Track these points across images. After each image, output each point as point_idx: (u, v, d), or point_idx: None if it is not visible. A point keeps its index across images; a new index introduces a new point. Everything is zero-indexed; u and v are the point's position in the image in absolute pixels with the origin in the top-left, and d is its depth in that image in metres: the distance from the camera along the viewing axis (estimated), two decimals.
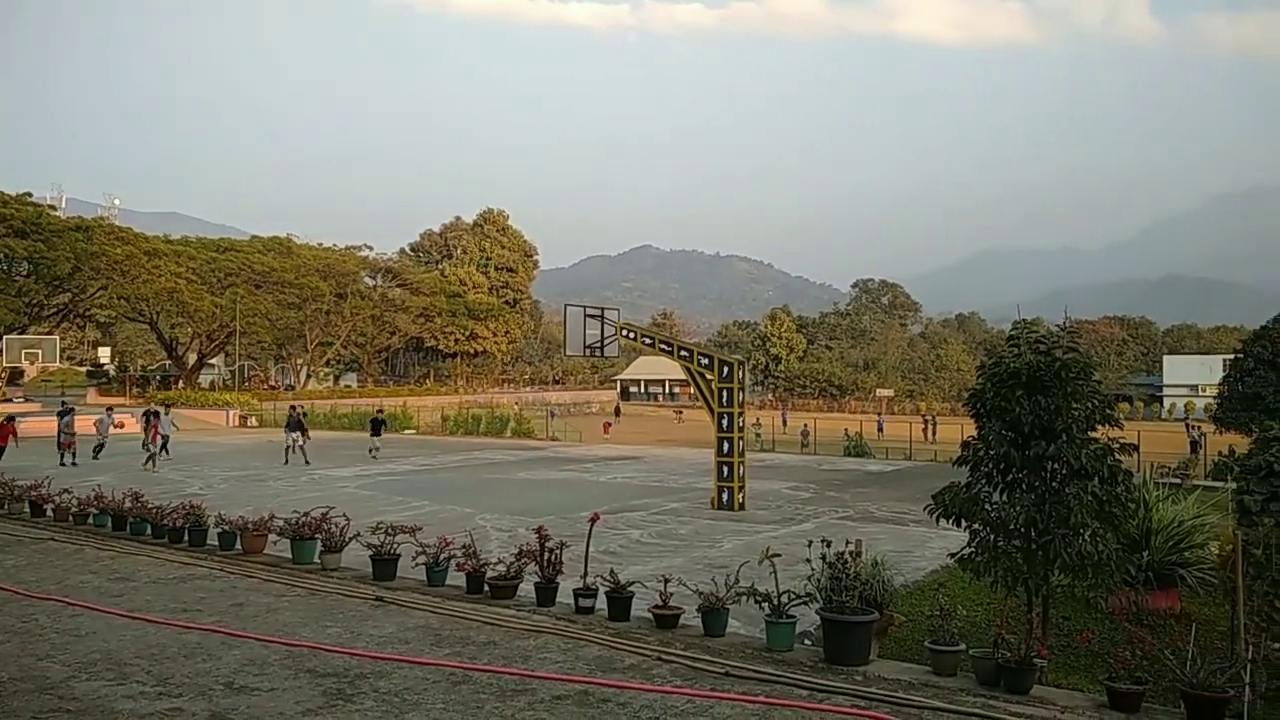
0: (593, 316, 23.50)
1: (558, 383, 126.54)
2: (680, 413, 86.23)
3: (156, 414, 30.08)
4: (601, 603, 8.59)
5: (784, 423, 64.25)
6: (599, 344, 23.40)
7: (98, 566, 11.86)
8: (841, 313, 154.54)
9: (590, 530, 9.43)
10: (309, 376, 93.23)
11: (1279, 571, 8.93)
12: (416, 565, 10.17)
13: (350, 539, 11.28)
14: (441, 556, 10.09)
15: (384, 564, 10.38)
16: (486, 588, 9.39)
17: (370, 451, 31.26)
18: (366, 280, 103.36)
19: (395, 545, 10.57)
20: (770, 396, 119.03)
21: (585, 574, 8.86)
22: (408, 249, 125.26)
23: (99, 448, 31.10)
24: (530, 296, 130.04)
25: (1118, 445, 8.96)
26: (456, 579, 9.87)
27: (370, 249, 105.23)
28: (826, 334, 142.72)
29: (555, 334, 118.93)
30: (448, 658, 7.34)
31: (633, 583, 8.76)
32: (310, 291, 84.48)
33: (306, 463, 29.29)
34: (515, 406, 73.52)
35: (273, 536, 12.24)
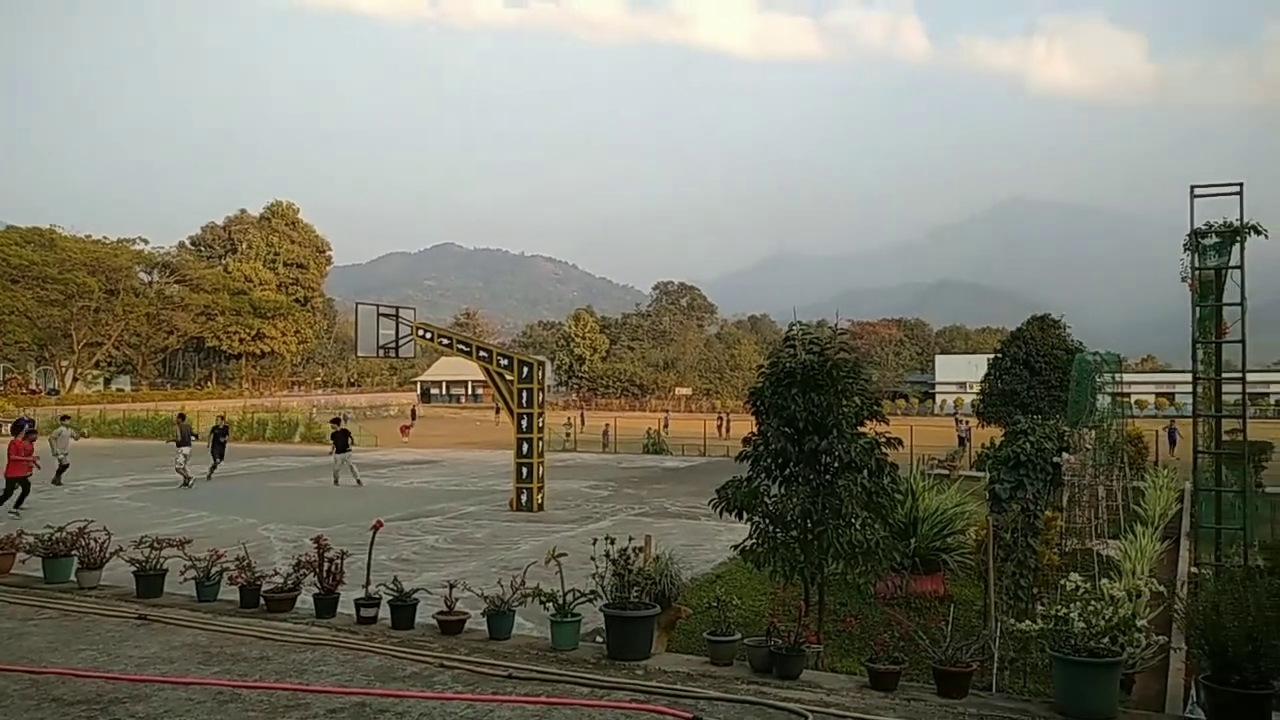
0: (386, 316, 22.84)
1: (353, 385, 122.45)
2: (500, 412, 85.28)
3: None
4: (385, 612, 8.34)
5: (582, 421, 64.72)
6: (393, 344, 22.76)
7: None
8: (643, 314, 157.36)
9: (373, 538, 9.12)
10: (75, 380, 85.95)
11: (1024, 553, 9.75)
12: (186, 580, 9.54)
13: (111, 554, 10.45)
14: (213, 570, 9.49)
15: (149, 580, 9.66)
16: (262, 601, 8.92)
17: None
18: (141, 276, 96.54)
19: (162, 560, 9.87)
20: (574, 396, 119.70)
21: (368, 583, 8.57)
22: (188, 243, 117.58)
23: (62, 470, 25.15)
24: (323, 294, 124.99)
25: (884, 439, 9.53)
26: (231, 593, 9.33)
27: (146, 242, 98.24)
28: (629, 334, 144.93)
29: (350, 333, 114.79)
30: (215, 676, 6.92)
31: (418, 590, 8.57)
32: (76, 287, 78.06)
33: (207, 478, 26.19)
34: (315, 410, 70.60)
35: (21, 555, 11.16)
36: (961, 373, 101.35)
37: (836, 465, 9.10)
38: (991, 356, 34.11)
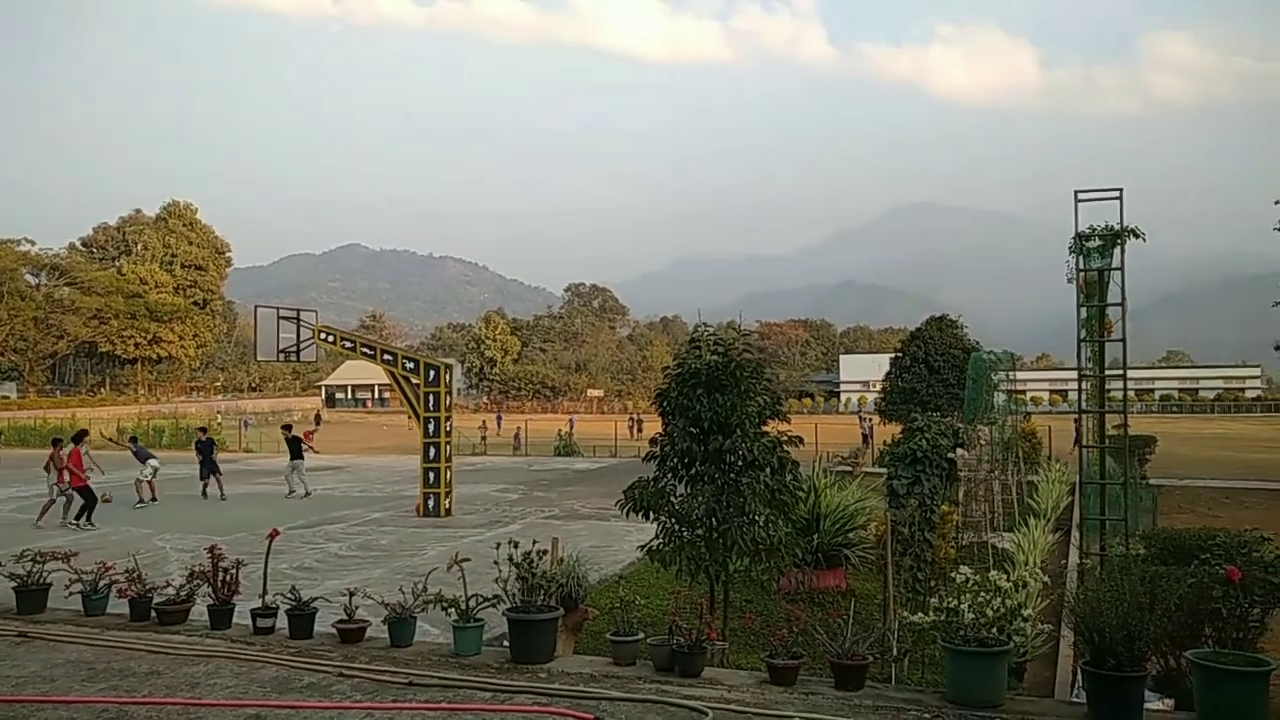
0: (287, 318, 22.28)
1: (254, 390, 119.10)
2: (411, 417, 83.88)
3: None
4: (283, 622, 8.14)
5: (499, 424, 64.32)
6: (294, 348, 22.21)
7: None
8: (555, 316, 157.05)
9: (269, 546, 8.90)
10: None
11: (920, 547, 10.02)
12: (71, 595, 9.15)
13: None
14: (100, 583, 9.13)
15: (30, 595, 9.23)
16: (154, 614, 8.62)
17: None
18: (28, 278, 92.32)
19: (45, 574, 9.45)
20: (485, 399, 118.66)
21: (264, 592, 8.36)
22: (79, 244, 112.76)
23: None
24: (223, 297, 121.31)
25: (786, 438, 9.69)
26: (120, 607, 8.98)
27: (33, 243, 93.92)
28: (540, 336, 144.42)
29: (251, 337, 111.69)
30: (101, 693, 6.66)
31: (317, 598, 8.38)
32: None
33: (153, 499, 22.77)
34: (219, 416, 68.47)
35: None
36: (865, 372, 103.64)
37: (740, 464, 9.21)
38: (893, 356, 34.96)
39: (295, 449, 25.17)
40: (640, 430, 54.14)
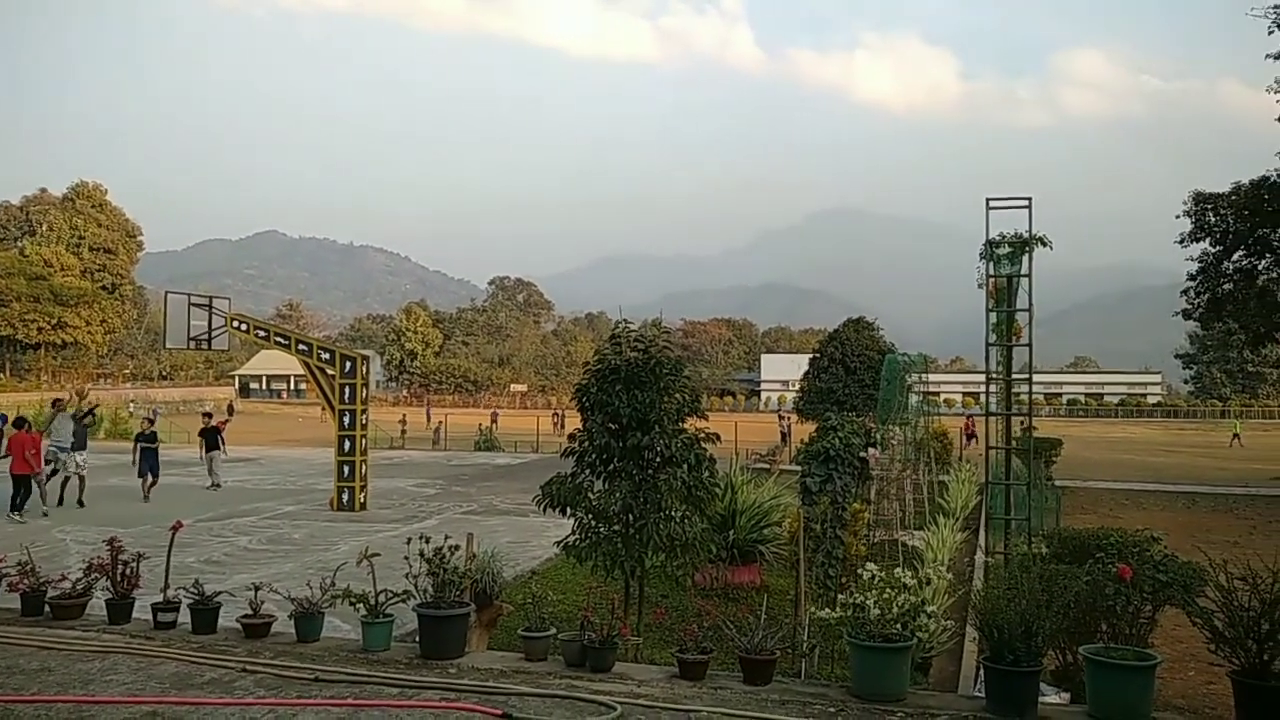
0: (199, 305, 21.66)
1: (165, 378, 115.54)
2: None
3: None
4: (185, 617, 7.92)
5: (428, 419, 63.43)
6: (205, 336, 21.60)
7: None
8: (479, 309, 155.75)
9: (172, 539, 8.64)
10: None
11: (832, 544, 10.19)
12: None
13: None
14: None
15: None
16: (47, 608, 8.30)
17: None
18: None
19: None
20: (405, 393, 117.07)
21: (166, 586, 8.12)
22: None
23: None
24: (133, 281, 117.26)
25: (703, 435, 9.77)
26: (11, 601, 8.63)
27: None
28: (464, 329, 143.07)
29: (162, 323, 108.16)
30: None
31: (222, 592, 8.17)
32: None
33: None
34: (132, 405, 66.23)
35: None
36: (785, 371, 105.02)
37: (658, 460, 9.27)
38: (812, 356, 35.48)
39: (211, 439, 24.16)
40: (563, 426, 54.02)
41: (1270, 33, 25.71)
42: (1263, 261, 27.64)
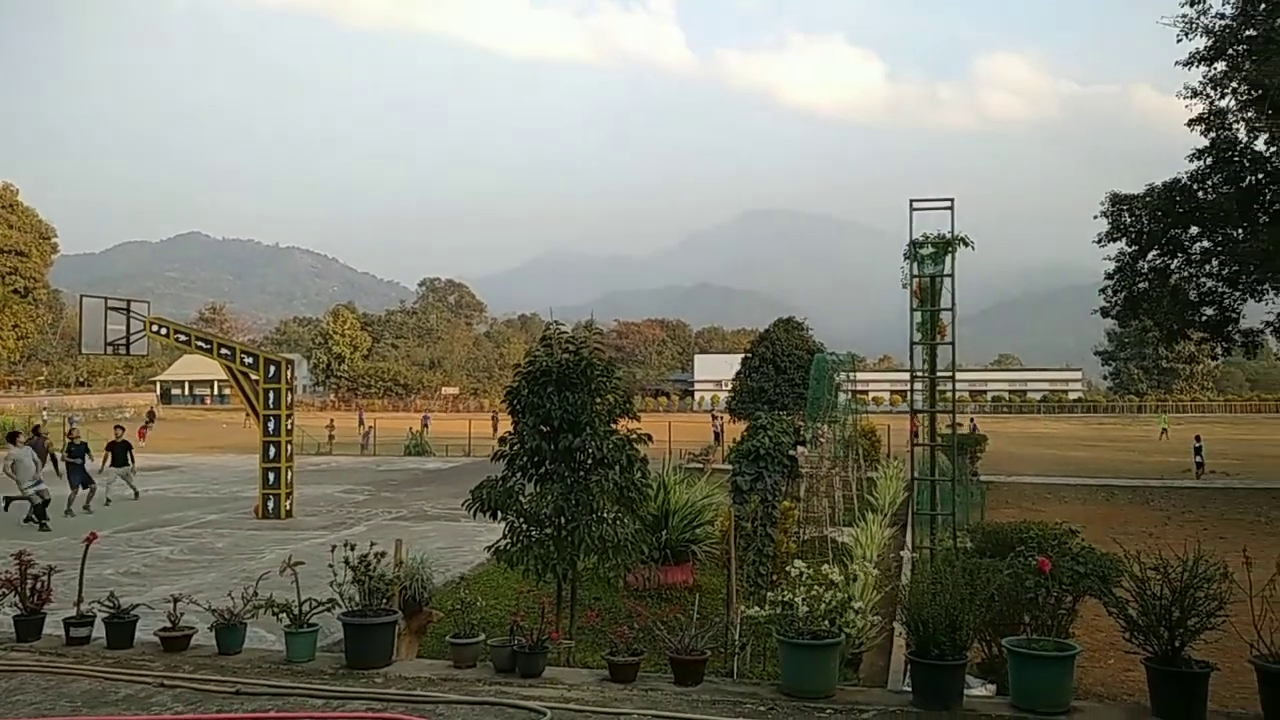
0: (116, 309, 21.03)
1: (82, 384, 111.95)
2: (250, 415, 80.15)
3: None
4: (100, 631, 7.65)
5: (361, 423, 62.23)
6: (123, 341, 20.98)
7: None
8: (408, 311, 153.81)
9: (85, 551, 8.34)
10: None
11: (762, 541, 10.27)
12: None
13: None
14: None
15: None
16: None
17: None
18: None
19: None
20: (333, 397, 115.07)
21: (79, 600, 7.84)
22: None
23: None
24: (47, 285, 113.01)
25: (636, 436, 9.76)
26: None
27: None
28: (393, 332, 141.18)
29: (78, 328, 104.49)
30: None
31: (140, 605, 7.92)
32: None
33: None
34: (45, 414, 63.84)
35: None
36: (718, 371, 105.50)
37: (590, 462, 9.22)
38: (744, 356, 35.72)
39: (120, 454, 22.36)
40: (499, 429, 53.61)
41: (1179, 40, 26.62)
42: (1175, 261, 28.59)
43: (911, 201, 11.27)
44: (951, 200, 11.16)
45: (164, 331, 21.62)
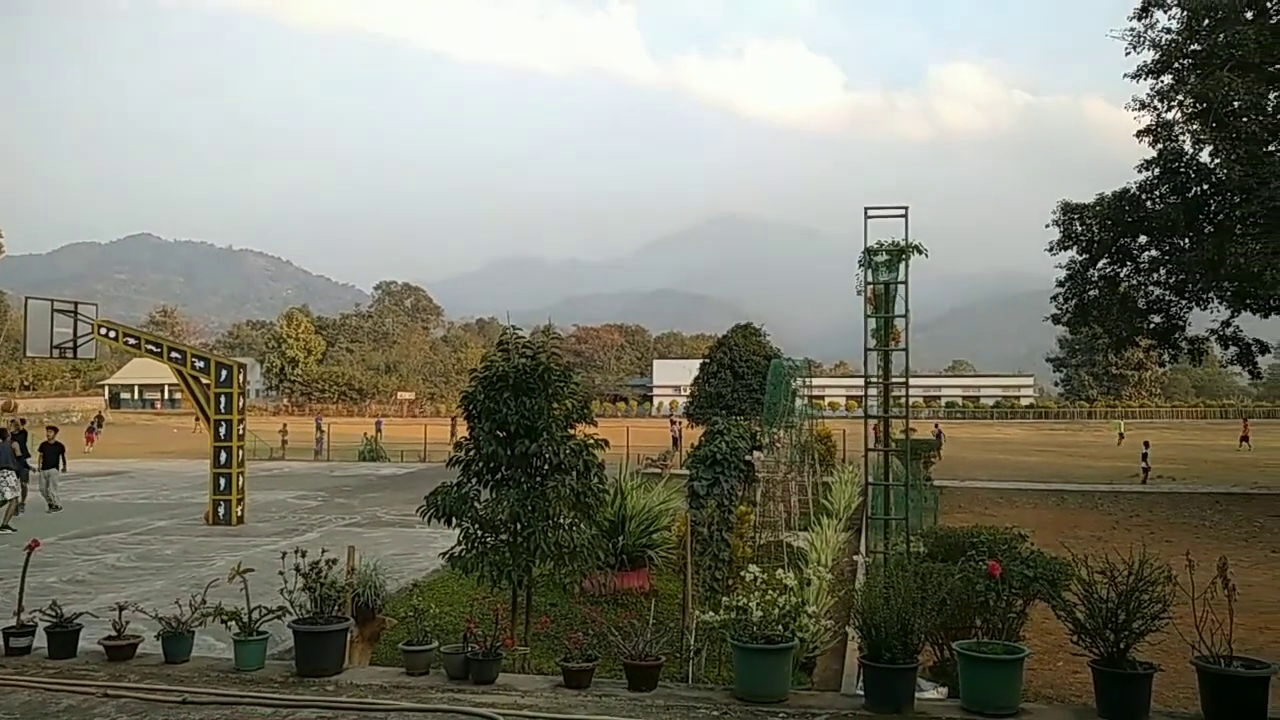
0: (63, 312, 20.58)
1: (28, 388, 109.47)
2: (200, 419, 78.69)
3: None
4: (42, 641, 7.47)
5: (318, 428, 61.36)
6: (70, 344, 20.55)
7: None
8: (364, 314, 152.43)
9: (27, 558, 8.15)
10: None
11: (718, 546, 10.29)
12: None
13: None
14: None
15: None
16: None
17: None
18: None
19: None
20: (286, 401, 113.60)
21: (19, 609, 7.64)
22: None
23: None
24: None
25: (593, 441, 9.74)
26: None
27: None
28: (348, 336, 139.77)
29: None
30: None
31: (84, 613, 7.74)
32: None
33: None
34: None
35: None
36: (677, 376, 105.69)
37: (546, 468, 9.19)
38: (702, 361, 35.81)
39: (52, 457, 22.00)
40: (456, 433, 53.26)
41: (1128, 54, 27.18)
42: (1124, 269, 29.14)
43: (866, 209, 11.39)
44: (905, 208, 11.29)
45: (112, 334, 21.21)
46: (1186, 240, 27.20)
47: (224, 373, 19.68)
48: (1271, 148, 25.73)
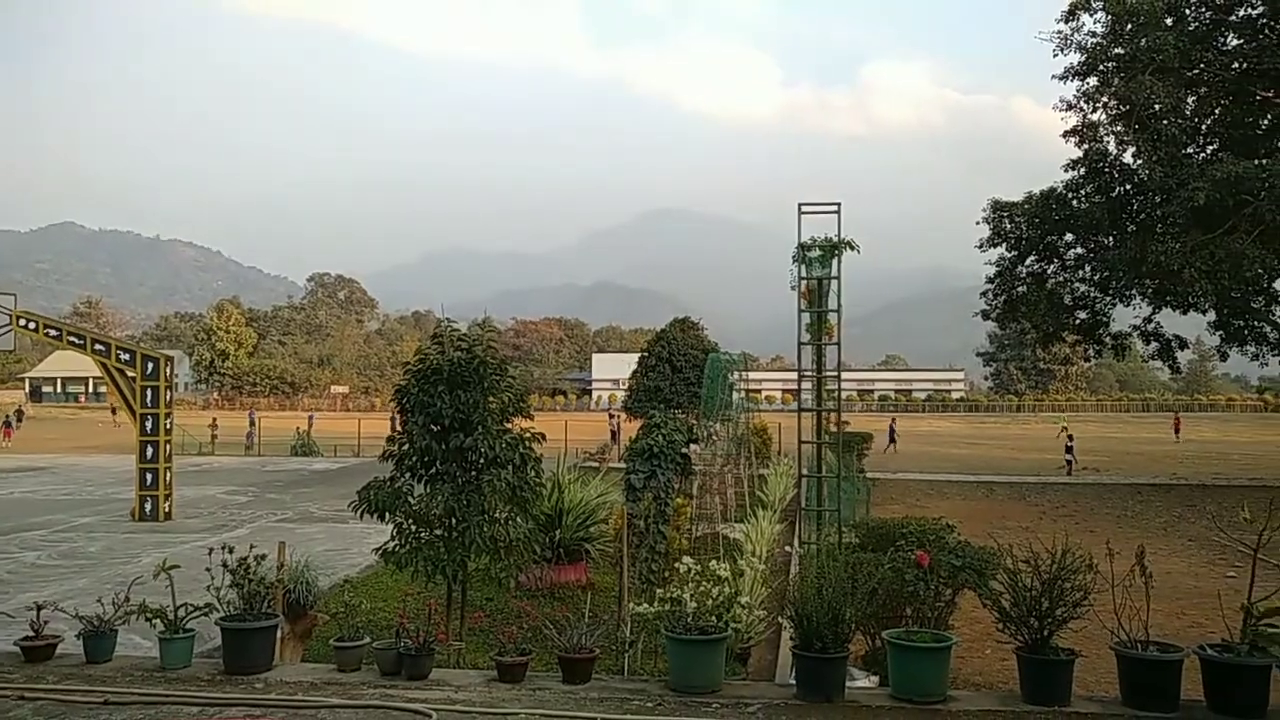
0: None
1: None
2: (117, 412, 76.57)
3: None
4: None
5: (251, 423, 60.16)
6: None
7: None
8: (296, 306, 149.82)
9: None
10: None
11: (655, 539, 10.33)
12: None
13: None
14: None
15: None
16: None
17: None
18: None
19: None
20: (216, 395, 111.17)
21: None
22: None
23: None
24: None
25: (529, 435, 9.69)
26: None
27: None
28: (280, 328, 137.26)
29: None
30: None
31: None
32: None
33: None
34: None
35: None
36: (616, 370, 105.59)
37: (482, 462, 9.12)
38: (640, 355, 35.84)
39: None
40: (395, 427, 52.45)
41: (1055, 55, 27.84)
42: (1051, 266, 29.90)
43: (800, 205, 11.49)
44: (838, 204, 11.42)
45: (32, 326, 20.52)
46: (1110, 239, 27.97)
47: (150, 366, 19.20)
48: (1190, 150, 26.57)
